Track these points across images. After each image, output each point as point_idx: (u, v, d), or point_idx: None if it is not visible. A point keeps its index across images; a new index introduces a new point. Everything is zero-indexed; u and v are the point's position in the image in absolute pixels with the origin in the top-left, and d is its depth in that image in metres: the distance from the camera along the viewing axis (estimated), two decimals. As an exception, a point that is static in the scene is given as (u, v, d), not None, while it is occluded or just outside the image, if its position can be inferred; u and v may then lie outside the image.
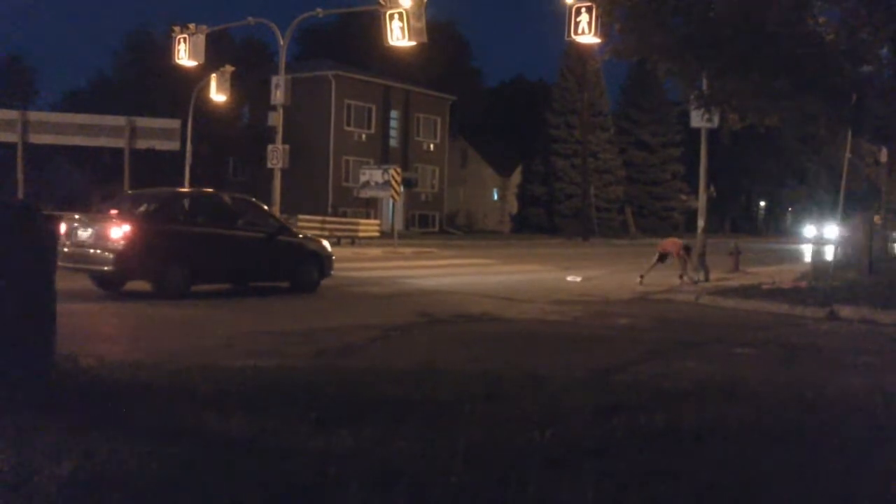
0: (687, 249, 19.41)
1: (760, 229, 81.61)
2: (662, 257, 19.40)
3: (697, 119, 19.85)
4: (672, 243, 19.84)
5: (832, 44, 15.11)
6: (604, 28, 17.54)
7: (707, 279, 19.69)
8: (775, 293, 16.01)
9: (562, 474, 4.55)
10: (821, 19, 15.39)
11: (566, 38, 18.81)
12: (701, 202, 22.09)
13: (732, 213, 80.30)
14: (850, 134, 16.27)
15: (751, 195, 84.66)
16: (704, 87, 17.18)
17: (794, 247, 46.12)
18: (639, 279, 18.89)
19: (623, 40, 16.02)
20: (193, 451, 4.69)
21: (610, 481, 4.48)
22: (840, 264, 19.51)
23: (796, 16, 14.60)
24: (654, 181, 68.98)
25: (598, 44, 19.14)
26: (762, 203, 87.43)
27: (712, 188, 26.65)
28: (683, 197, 68.40)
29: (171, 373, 6.98)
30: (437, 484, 4.31)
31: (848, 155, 16.58)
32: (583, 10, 18.13)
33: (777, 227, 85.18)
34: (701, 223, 21.58)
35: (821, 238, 37.90)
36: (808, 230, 33.00)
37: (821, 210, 65.83)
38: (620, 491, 4.39)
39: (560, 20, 18.86)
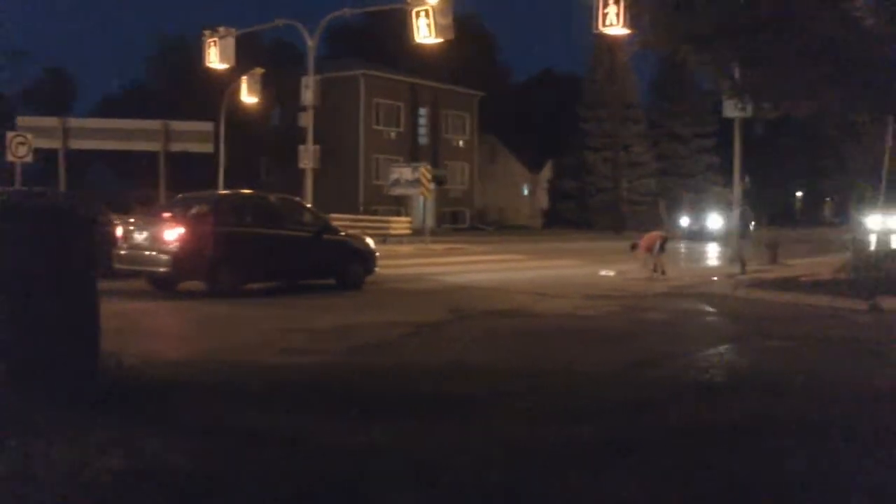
0: (662, 244, 19.58)
1: (798, 220, 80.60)
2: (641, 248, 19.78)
3: (730, 109, 19.66)
4: (648, 237, 20.06)
5: (871, 28, 14.82)
6: (632, 19, 17.35)
7: (743, 271, 19.52)
8: (814, 285, 15.75)
9: (599, 469, 4.54)
10: (857, 2, 15.11)
11: (594, 31, 18.65)
12: (736, 194, 21.89)
13: (769, 205, 79.38)
14: (892, 120, 15.97)
15: (788, 185, 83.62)
16: (737, 76, 16.96)
17: (833, 238, 45.50)
18: (657, 273, 18.98)
19: (653, 31, 15.87)
20: (235, 447, 4.76)
21: (648, 476, 4.46)
22: (882, 254, 19.20)
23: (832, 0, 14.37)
24: (688, 173, 68.21)
25: (627, 35, 18.97)
26: (799, 193, 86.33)
27: (747, 179, 26.35)
28: (718, 189, 67.73)
29: (215, 370, 7.09)
30: (476, 479, 4.32)
31: (889, 143, 16.30)
32: (610, 1, 17.98)
33: (816, 217, 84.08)
34: (736, 215, 21.39)
35: (863, 228, 36.73)
36: (867, 220, 32.03)
37: (861, 200, 64.91)
38: (659, 486, 4.38)
39: (588, 12, 18.72)
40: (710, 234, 38.28)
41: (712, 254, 26.18)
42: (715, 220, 39.35)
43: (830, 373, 7.85)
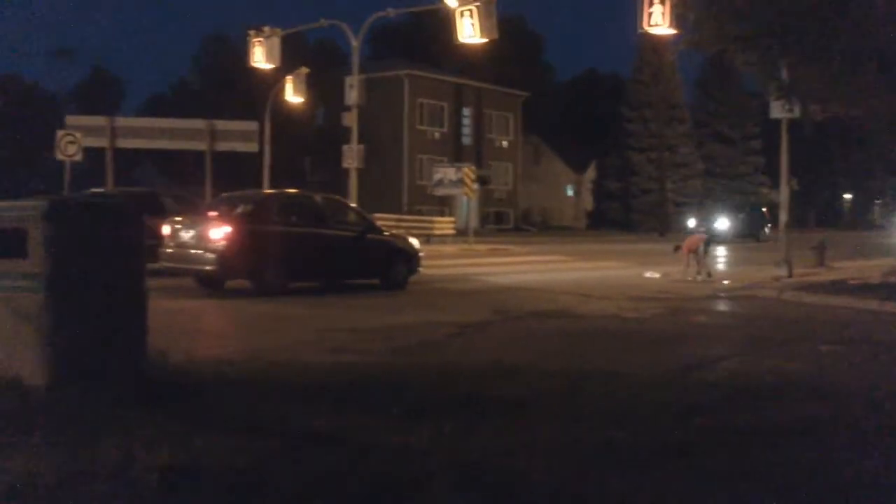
0: (706, 245, 19.40)
1: (846, 222, 79.20)
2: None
3: (777, 110, 19.35)
4: (690, 239, 19.89)
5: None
6: (678, 18, 17.18)
7: (790, 274, 19.24)
8: (863, 289, 15.51)
9: (642, 473, 4.51)
10: None
11: (639, 30, 18.50)
12: (783, 196, 21.56)
13: (817, 207, 78.11)
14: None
15: (835, 187, 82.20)
16: (784, 76, 16.73)
17: (883, 240, 44.74)
18: (702, 276, 18.80)
19: (699, 31, 15.71)
20: (279, 445, 4.81)
21: (691, 479, 4.42)
22: None
23: None
24: (734, 175, 67.43)
25: (673, 35, 18.79)
26: (847, 195, 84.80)
27: (794, 181, 25.96)
28: (765, 191, 66.81)
29: (259, 369, 7.16)
30: (516, 480, 4.31)
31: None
32: (656, 0, 17.82)
33: (864, 219, 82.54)
34: (783, 217, 21.07)
35: None
36: None
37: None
38: (702, 490, 4.33)
39: (633, 11, 18.58)
40: (717, 237, 38.06)
41: (754, 256, 25.84)
42: (722, 223, 38.84)
43: (882, 378, 7.71)
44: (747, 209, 45.70)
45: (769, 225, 45.14)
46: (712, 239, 37.41)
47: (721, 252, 30.45)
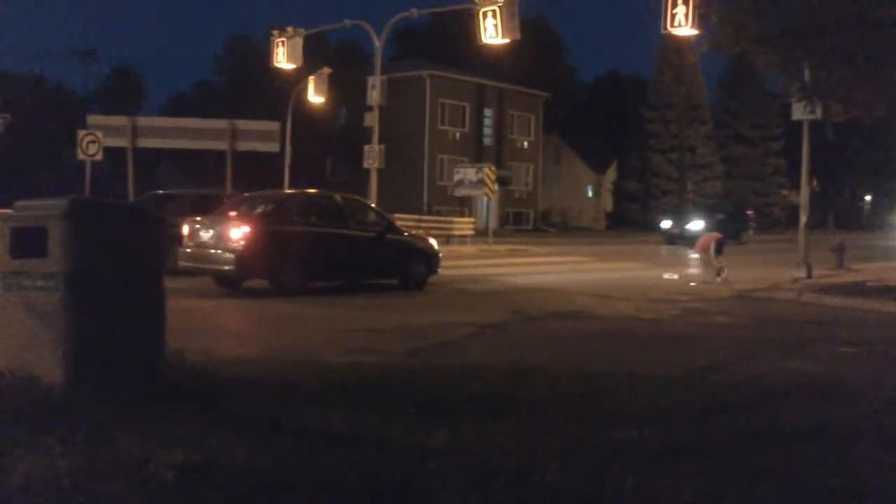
0: (719, 245, 19.15)
1: (866, 224, 78.53)
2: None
3: (799, 111, 19.24)
4: (702, 239, 19.77)
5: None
6: (701, 19, 17.13)
7: (809, 276, 19.13)
8: (883, 291, 15.45)
9: (660, 473, 4.50)
10: None
11: (662, 31, 18.44)
12: (803, 197, 21.42)
13: (836, 208, 77.49)
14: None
15: (856, 189, 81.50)
16: (807, 77, 16.63)
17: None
18: (719, 276, 18.64)
19: (721, 31, 15.67)
20: (295, 445, 4.82)
21: (708, 481, 4.41)
22: None
23: None
24: (755, 176, 67.03)
25: (696, 36, 18.73)
26: (868, 197, 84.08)
27: (815, 182, 25.79)
28: (785, 192, 66.35)
29: (276, 369, 7.20)
30: (535, 481, 4.32)
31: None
32: (679, 1, 17.76)
33: (885, 221, 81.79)
34: (803, 219, 20.94)
35: None
36: None
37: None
38: (719, 491, 4.32)
39: (656, 12, 18.52)
40: (691, 238, 38.18)
41: (776, 257, 25.69)
42: (696, 224, 38.92)
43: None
44: (729, 210, 45.20)
45: (752, 228, 44.62)
46: (678, 239, 37.80)
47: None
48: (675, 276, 20.10)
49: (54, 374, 5.61)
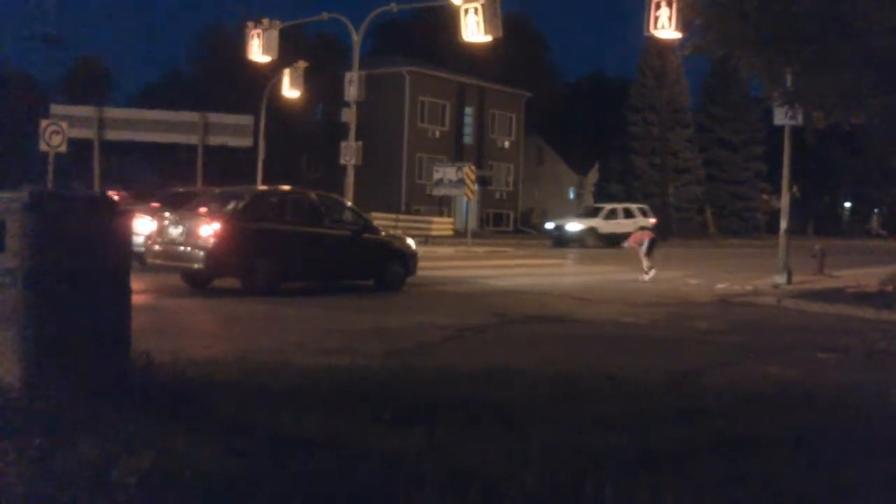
0: (651, 244, 19.80)
1: (845, 231, 79.20)
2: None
3: (781, 117, 19.29)
4: (635, 234, 20.21)
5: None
6: (684, 23, 17.15)
7: (789, 282, 19.18)
8: (861, 297, 15.54)
9: (638, 479, 4.45)
10: None
11: (646, 34, 18.43)
12: (784, 202, 21.46)
13: (816, 214, 78.05)
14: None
15: (836, 195, 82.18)
16: (789, 83, 16.66)
17: (880, 248, 44.67)
18: (647, 276, 19.35)
19: (704, 35, 15.65)
20: (267, 450, 4.70)
21: (687, 487, 4.37)
22: None
23: (880, 6, 14.00)
24: (736, 180, 67.40)
25: (679, 39, 18.73)
26: (847, 203, 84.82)
27: (795, 188, 25.92)
28: (766, 197, 66.76)
29: (247, 370, 7.04)
30: (512, 486, 4.24)
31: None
32: (663, 4, 17.75)
33: (863, 228, 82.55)
34: (784, 224, 20.97)
35: None
36: None
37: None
38: (698, 497, 4.29)
39: (639, 14, 18.52)
40: (568, 238, 38.88)
41: (758, 263, 25.76)
42: (573, 225, 39.73)
43: (878, 387, 7.63)
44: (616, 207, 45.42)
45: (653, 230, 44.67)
46: (557, 240, 38.46)
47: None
48: (646, 278, 20.02)
49: (11, 374, 5.40)
